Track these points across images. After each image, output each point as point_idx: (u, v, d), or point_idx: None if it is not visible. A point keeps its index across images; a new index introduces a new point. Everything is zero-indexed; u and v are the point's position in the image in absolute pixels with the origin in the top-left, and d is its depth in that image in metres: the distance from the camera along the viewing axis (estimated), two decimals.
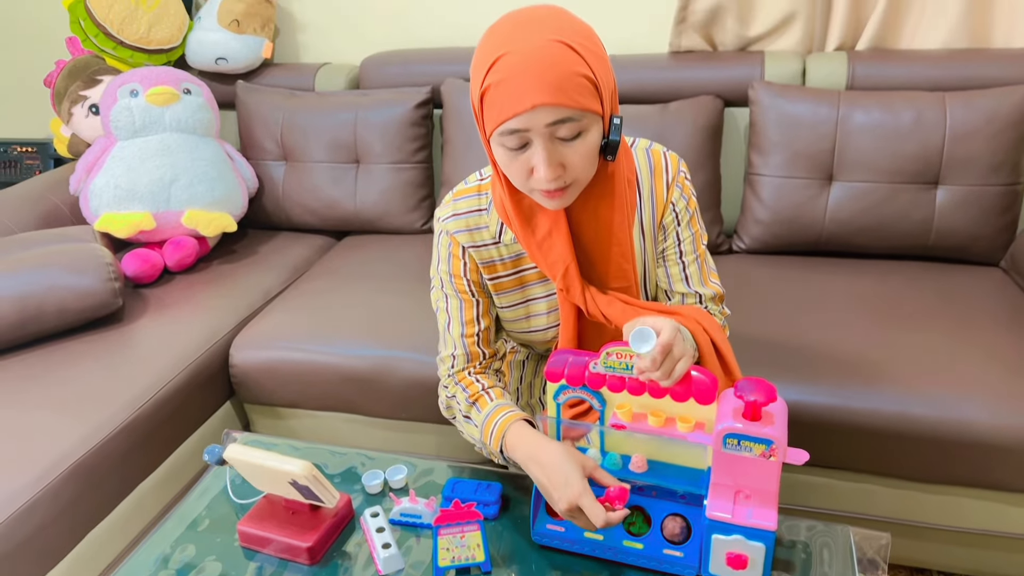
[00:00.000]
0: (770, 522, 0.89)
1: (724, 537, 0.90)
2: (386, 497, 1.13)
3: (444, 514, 0.99)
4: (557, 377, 0.99)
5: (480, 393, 1.08)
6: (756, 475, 0.90)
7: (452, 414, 1.14)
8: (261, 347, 1.73)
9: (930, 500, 1.44)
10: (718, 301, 1.15)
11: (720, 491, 0.92)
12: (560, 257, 1.03)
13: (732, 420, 0.88)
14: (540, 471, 0.95)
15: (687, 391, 0.94)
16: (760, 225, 1.84)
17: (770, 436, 0.86)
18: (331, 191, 2.14)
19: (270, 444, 1.29)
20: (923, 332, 1.51)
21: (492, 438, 1.02)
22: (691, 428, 0.95)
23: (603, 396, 0.99)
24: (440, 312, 1.13)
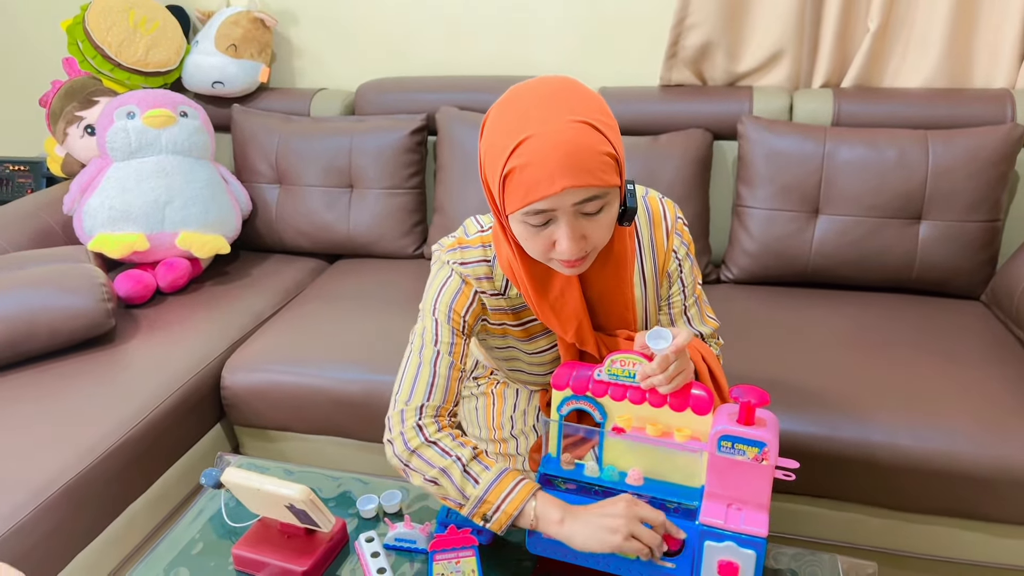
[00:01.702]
0: (761, 528, 0.90)
1: (716, 544, 0.92)
2: (381, 522, 1.13)
3: (439, 539, 0.99)
4: (562, 386, 1.01)
5: (479, 448, 1.00)
6: (749, 481, 0.92)
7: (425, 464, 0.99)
8: (252, 369, 1.73)
9: (916, 530, 1.45)
10: (713, 335, 1.18)
11: (714, 500, 0.94)
12: (573, 314, 1.04)
13: (727, 423, 0.90)
14: (584, 512, 0.93)
15: (685, 401, 0.96)
16: (747, 256, 1.88)
17: (763, 439, 0.89)
18: (324, 215, 2.16)
19: (264, 467, 1.29)
20: (907, 363, 1.53)
21: (510, 497, 0.95)
22: (687, 438, 0.97)
23: (604, 407, 1.01)
24: (426, 347, 1.03)
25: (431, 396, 1.02)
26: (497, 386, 1.32)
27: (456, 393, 1.05)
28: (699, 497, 0.96)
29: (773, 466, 0.90)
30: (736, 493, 0.94)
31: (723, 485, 0.94)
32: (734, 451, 0.90)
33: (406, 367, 1.05)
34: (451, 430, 1.02)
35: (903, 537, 1.46)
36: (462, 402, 1.36)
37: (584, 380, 1.00)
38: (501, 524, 0.95)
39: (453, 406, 1.04)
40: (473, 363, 1.35)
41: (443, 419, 1.02)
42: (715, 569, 0.93)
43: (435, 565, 0.98)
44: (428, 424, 1.01)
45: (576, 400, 1.02)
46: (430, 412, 1.02)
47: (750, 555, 0.91)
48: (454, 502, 0.98)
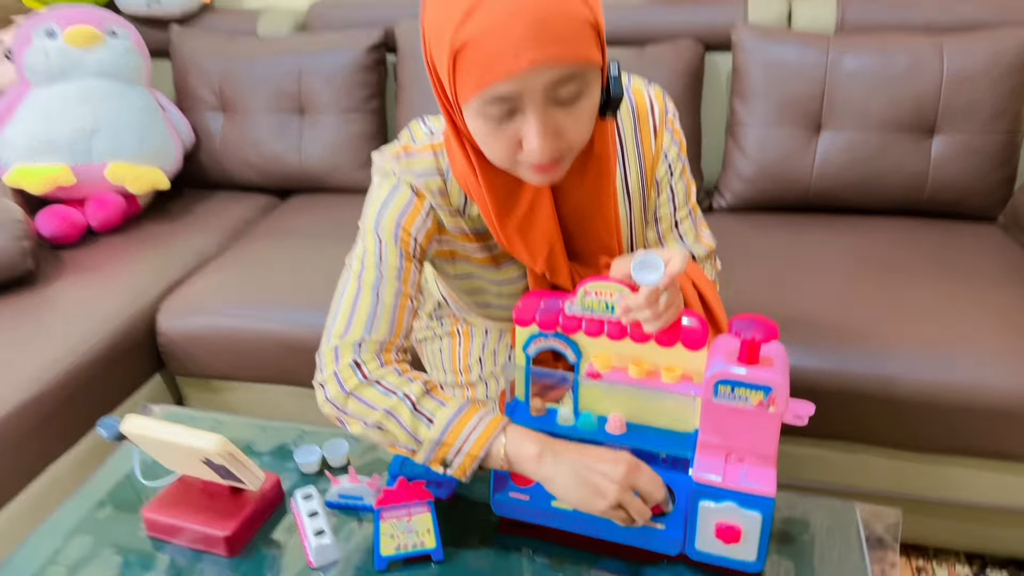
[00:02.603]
0: (768, 486, 0.75)
1: (713, 504, 0.76)
2: (323, 477, 0.97)
3: (387, 494, 0.83)
4: (527, 322, 0.84)
5: (433, 382, 0.84)
6: (751, 431, 0.77)
7: (364, 407, 0.82)
8: (191, 313, 1.56)
9: (938, 473, 1.32)
10: (709, 256, 1.01)
11: (709, 452, 0.78)
12: (544, 238, 0.87)
13: (725, 364, 0.74)
14: (576, 454, 0.77)
15: (675, 334, 0.79)
16: (743, 180, 1.70)
17: (769, 382, 0.72)
18: (274, 145, 1.95)
19: (192, 418, 1.12)
20: (918, 291, 1.39)
21: (473, 435, 0.79)
22: (677, 379, 0.80)
23: (578, 345, 0.84)
24: (367, 271, 0.86)
25: (373, 328, 0.85)
26: (463, 325, 1.15)
27: (405, 327, 0.87)
28: (692, 445, 0.81)
29: (782, 413, 0.74)
30: (736, 443, 0.78)
31: (721, 434, 0.78)
32: (734, 397, 0.74)
33: (342, 295, 0.88)
34: (397, 366, 0.85)
35: (924, 481, 1.33)
36: (424, 345, 1.19)
37: (553, 314, 0.83)
38: (465, 469, 0.79)
39: (402, 341, 0.87)
40: (435, 304, 1.17)
41: (387, 355, 0.85)
42: (712, 532, 0.78)
43: (382, 524, 0.83)
44: (368, 361, 0.84)
45: (544, 338, 0.85)
46: (371, 348, 0.84)
47: (754, 517, 0.75)
48: (405, 448, 0.82)
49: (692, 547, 0.80)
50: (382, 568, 0.83)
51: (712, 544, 0.78)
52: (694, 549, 0.80)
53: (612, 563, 0.83)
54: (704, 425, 0.79)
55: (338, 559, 0.85)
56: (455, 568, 0.83)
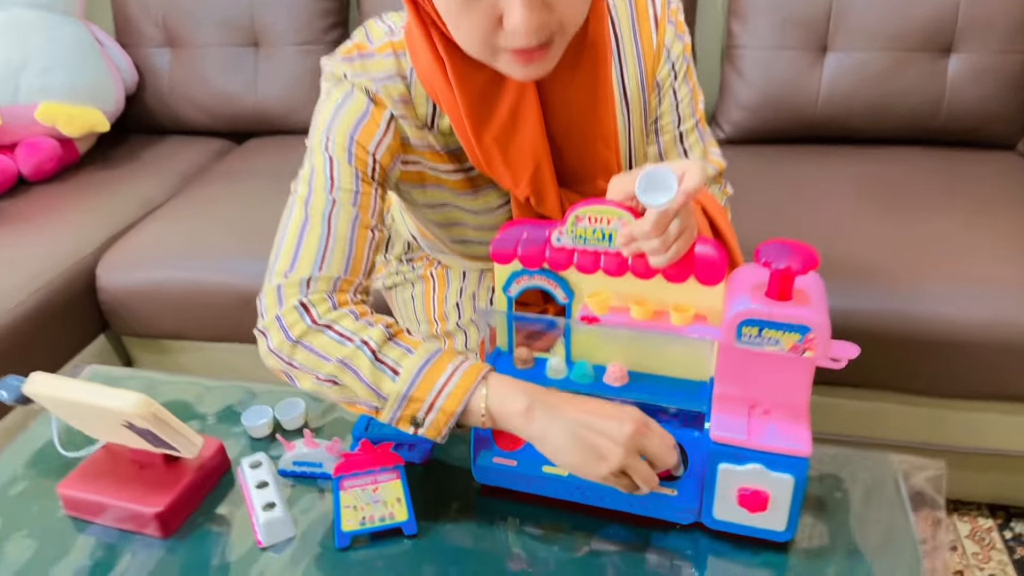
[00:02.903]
0: (801, 444, 0.63)
1: (735, 467, 0.64)
2: (276, 442, 0.84)
3: (348, 460, 0.70)
4: (507, 258, 0.71)
5: (397, 326, 0.70)
6: (781, 380, 0.65)
7: (315, 358, 0.68)
8: (135, 266, 1.41)
9: (948, 418, 1.22)
10: (718, 179, 0.88)
11: (729, 405, 0.66)
12: (528, 151, 0.73)
13: (751, 301, 0.61)
14: (573, 408, 0.64)
15: (686, 268, 0.66)
16: (742, 109, 1.56)
17: (807, 321, 0.60)
18: (226, 83, 1.78)
19: (129, 378, 0.98)
20: (935, 224, 1.27)
21: (448, 387, 0.65)
22: (689, 320, 0.67)
23: (569, 284, 0.71)
24: (316, 196, 0.72)
25: (324, 264, 0.71)
26: (437, 267, 1.01)
27: (365, 263, 0.73)
28: (707, 398, 0.68)
29: (822, 357, 0.61)
30: (762, 394, 0.66)
31: (743, 384, 0.66)
32: (761, 340, 0.62)
33: (286, 226, 0.74)
34: (354, 308, 0.71)
35: (943, 429, 1.23)
36: (394, 292, 1.05)
37: (538, 247, 0.70)
38: (439, 428, 0.66)
39: (361, 279, 0.73)
40: (404, 244, 1.03)
41: (342, 296, 0.71)
42: (733, 499, 0.66)
43: (342, 495, 0.70)
44: (318, 303, 0.70)
45: (528, 276, 0.71)
46: (321, 287, 0.70)
47: (785, 481, 0.63)
48: (367, 407, 0.68)
49: (709, 515, 0.68)
50: (344, 545, 0.71)
51: (733, 512, 0.66)
52: (711, 517, 0.68)
53: (615, 531, 0.71)
54: (722, 374, 0.66)
55: (293, 536, 0.73)
56: (431, 543, 0.71)
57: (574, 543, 0.70)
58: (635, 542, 0.69)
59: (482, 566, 0.68)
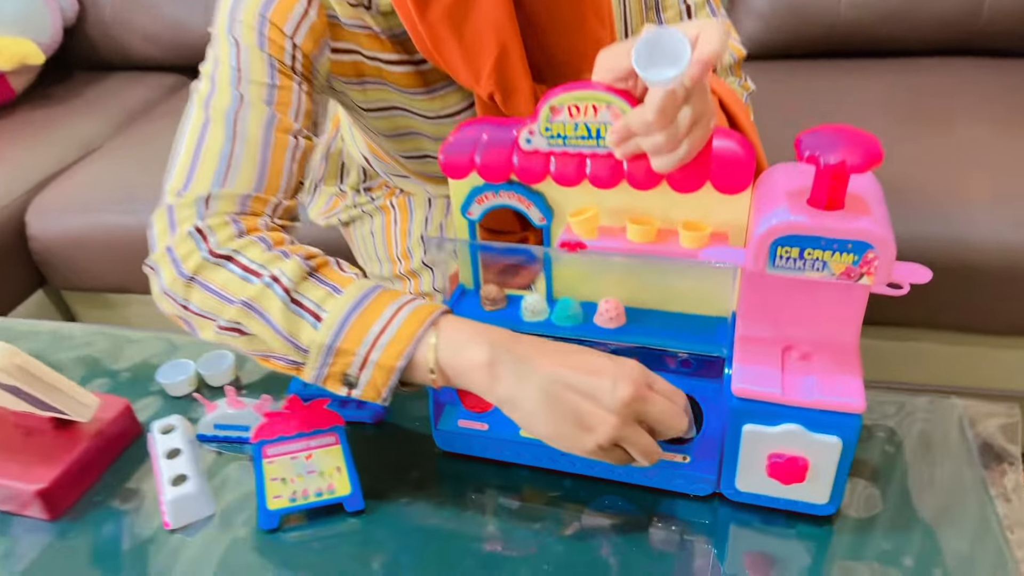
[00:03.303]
0: (852, 398, 0.48)
1: (764, 429, 0.50)
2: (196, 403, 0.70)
3: (271, 421, 0.56)
4: (463, 169, 0.56)
5: (323, 257, 0.56)
6: (826, 315, 0.51)
7: (214, 300, 0.54)
8: (68, 211, 1.25)
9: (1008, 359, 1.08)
10: (737, 70, 0.72)
11: (756, 349, 0.52)
12: (491, 32, 0.57)
13: (789, 211, 0.46)
14: (549, 360, 0.48)
15: (700, 171, 0.51)
16: (755, 18, 1.39)
17: (867, 235, 0.45)
18: (174, 8, 1.60)
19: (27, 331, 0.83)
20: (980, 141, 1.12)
21: (387, 335, 0.50)
22: (704, 241, 0.53)
23: (546, 199, 0.56)
24: (220, 93, 0.57)
25: (228, 177, 0.55)
26: (399, 195, 0.86)
27: (286, 176, 0.58)
28: (727, 338, 0.54)
29: (884, 283, 0.47)
30: (800, 333, 0.52)
31: (775, 321, 0.52)
32: (803, 263, 0.47)
33: (184, 132, 0.58)
34: (267, 235, 0.56)
35: (999, 369, 1.10)
36: (352, 229, 0.90)
37: (501, 153, 0.54)
38: (378, 389, 0.51)
39: (280, 198, 0.58)
40: (360, 171, 0.88)
41: (250, 220, 0.56)
42: (763, 467, 0.52)
43: (266, 465, 0.56)
44: (218, 228, 0.54)
45: (493, 192, 0.56)
46: (224, 206, 0.55)
47: (831, 445, 0.49)
48: (285, 362, 0.54)
49: (731, 486, 0.54)
50: (270, 527, 0.57)
51: (761, 483, 0.52)
52: (733, 489, 0.54)
53: (611, 504, 0.57)
54: (748, 309, 0.52)
55: (212, 514, 0.59)
56: (381, 522, 0.57)
57: (560, 520, 0.56)
58: (636, 516, 0.56)
59: (445, 549, 0.54)
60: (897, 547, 0.52)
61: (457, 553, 0.54)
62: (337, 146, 0.88)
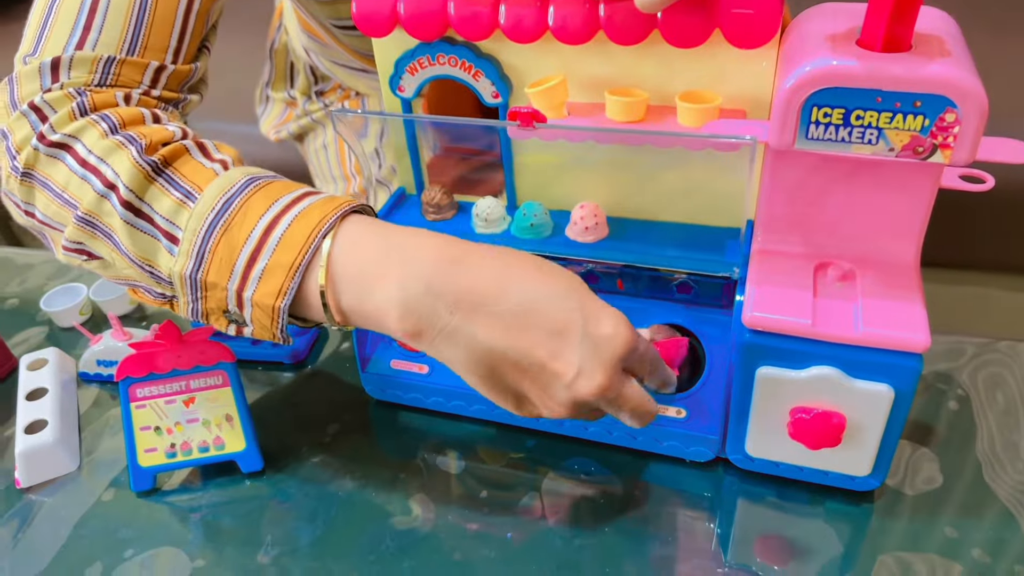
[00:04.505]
0: (913, 332, 0.34)
1: (787, 374, 0.36)
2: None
3: (140, 353, 0.43)
4: (383, 23, 0.42)
5: (179, 142, 0.39)
6: (878, 217, 0.37)
7: (55, 203, 0.39)
8: None
9: None
10: None
11: (778, 266, 0.38)
12: None
13: (831, 54, 0.31)
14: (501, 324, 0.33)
15: (706, 17, 0.36)
16: None
17: (945, 86, 0.30)
18: None
19: None
20: None
21: (266, 250, 0.36)
22: (712, 115, 0.38)
23: (499, 66, 0.42)
24: None
25: (87, 36, 0.41)
26: (355, 97, 0.72)
27: (178, 31, 0.44)
28: (740, 254, 0.40)
29: (961, 161, 0.32)
30: (840, 242, 0.37)
31: (806, 224, 0.37)
32: (849, 132, 0.32)
33: None
34: (121, 109, 0.41)
35: None
36: (307, 143, 0.77)
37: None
38: (268, 329, 0.37)
39: (167, 61, 0.44)
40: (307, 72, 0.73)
41: (104, 93, 0.41)
42: (783, 425, 0.38)
43: (135, 411, 0.43)
44: (58, 102, 0.40)
45: (428, 56, 0.42)
46: (78, 74, 0.41)
47: (879, 396, 0.35)
48: (152, 295, 0.40)
49: (739, 450, 0.40)
50: (143, 488, 0.45)
51: (781, 447, 0.39)
52: (743, 453, 0.40)
53: (585, 467, 0.44)
54: (769, 209, 0.38)
55: (76, 471, 0.46)
56: (285, 486, 0.44)
57: (517, 489, 0.43)
58: (615, 486, 0.42)
59: (363, 525, 0.42)
60: (962, 535, 0.38)
61: (378, 531, 0.41)
62: (282, 40, 0.74)
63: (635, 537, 0.39)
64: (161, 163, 0.37)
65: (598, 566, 0.38)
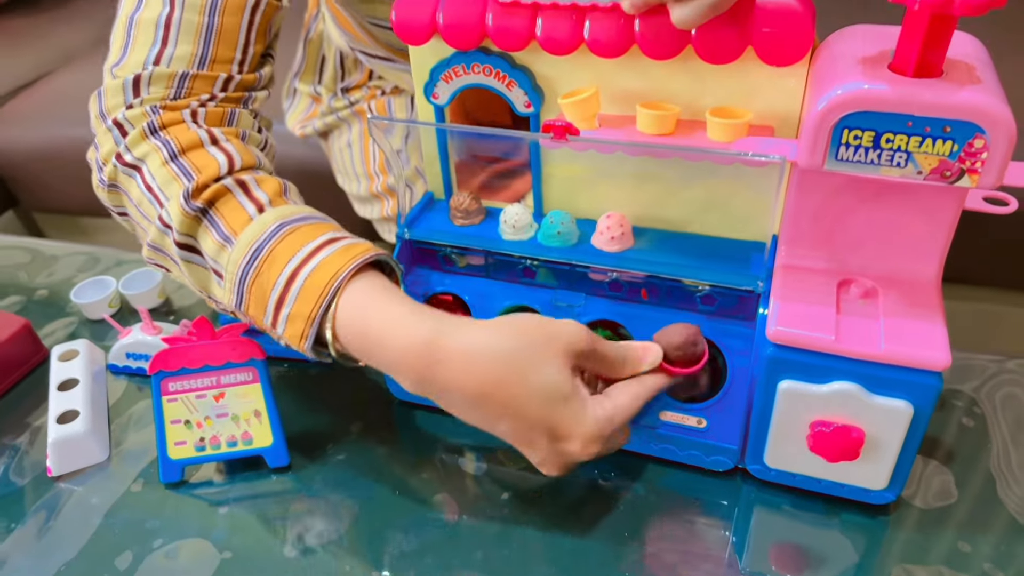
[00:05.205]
0: (933, 350, 0.35)
1: (809, 388, 0.37)
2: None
3: (173, 348, 0.44)
4: (421, 32, 0.42)
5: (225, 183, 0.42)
6: (903, 236, 0.37)
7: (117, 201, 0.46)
8: (41, 124, 1.14)
9: None
10: None
11: (802, 282, 0.39)
12: None
13: (863, 78, 0.32)
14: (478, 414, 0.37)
15: (738, 33, 0.37)
16: None
17: (976, 112, 0.31)
18: None
19: None
20: None
21: (283, 309, 0.40)
22: (740, 132, 0.39)
23: (532, 76, 0.42)
24: None
25: (162, 49, 0.44)
26: (380, 97, 0.73)
27: (243, 42, 0.46)
28: (764, 268, 0.41)
29: (988, 185, 0.33)
30: (864, 260, 0.38)
31: (831, 242, 0.38)
32: (879, 154, 0.33)
33: (121, 5, 0.48)
34: (185, 128, 0.44)
35: None
36: (331, 140, 0.78)
37: (469, 5, 0.41)
38: (297, 336, 0.39)
39: (233, 72, 0.46)
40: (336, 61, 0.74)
41: (174, 112, 0.44)
42: (802, 438, 0.38)
43: (166, 404, 0.44)
44: (137, 120, 0.44)
45: (464, 67, 0.43)
46: (157, 90, 0.44)
47: (899, 412, 0.36)
48: (216, 302, 0.44)
49: (758, 460, 0.41)
50: (172, 480, 0.46)
51: (799, 459, 0.40)
52: (762, 464, 0.41)
53: (603, 471, 0.45)
54: (795, 225, 0.38)
55: (105, 461, 0.47)
56: (310, 483, 0.45)
57: (538, 492, 0.44)
58: (636, 493, 0.43)
59: (389, 522, 0.43)
60: (975, 549, 0.39)
61: (401, 529, 0.42)
62: (317, 29, 0.75)
63: (653, 542, 0.40)
64: (205, 205, 0.42)
65: (616, 570, 0.39)
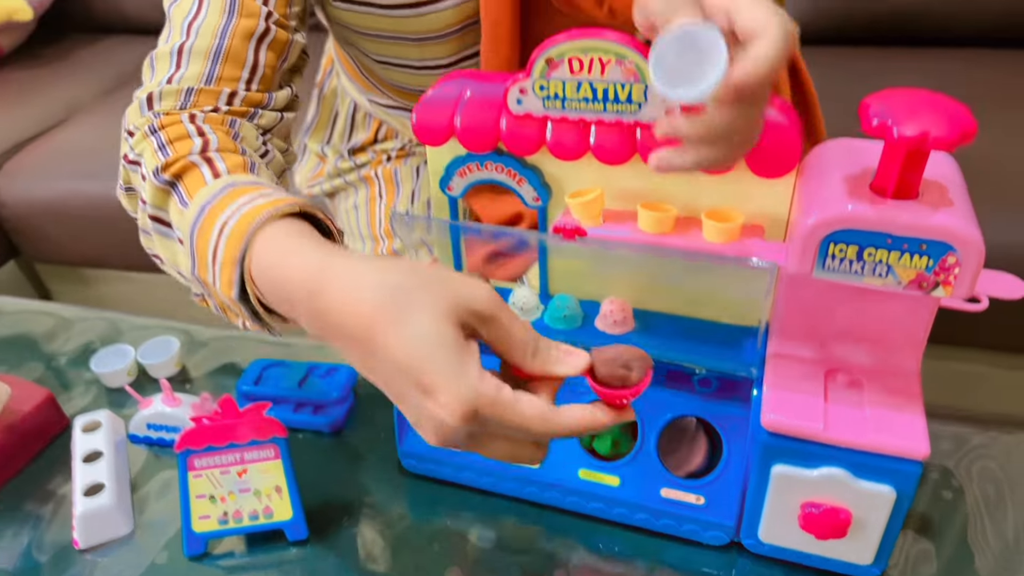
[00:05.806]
0: (913, 439, 0.38)
1: (800, 472, 0.40)
2: None
3: (199, 426, 0.46)
4: (440, 134, 0.46)
5: (191, 159, 0.45)
6: (885, 333, 0.41)
7: (132, 205, 0.49)
8: (44, 176, 1.16)
9: None
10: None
11: (793, 371, 0.42)
12: None
13: (847, 200, 0.36)
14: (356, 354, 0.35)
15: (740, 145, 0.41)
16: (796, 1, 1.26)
17: (949, 234, 0.35)
18: None
19: None
20: None
21: (217, 257, 0.40)
22: (733, 234, 0.42)
23: (541, 175, 0.46)
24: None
25: (175, 72, 0.49)
26: (387, 164, 0.76)
27: (250, 62, 0.50)
28: (756, 355, 0.44)
29: (961, 295, 0.36)
30: (849, 353, 0.42)
31: (820, 337, 0.42)
32: (861, 266, 0.37)
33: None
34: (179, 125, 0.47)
35: None
36: (337, 201, 0.81)
37: (485, 114, 0.44)
38: (227, 284, 0.40)
39: (239, 88, 0.50)
40: (348, 116, 0.78)
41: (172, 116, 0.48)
42: (794, 517, 0.41)
43: (191, 480, 0.46)
44: (143, 125, 0.48)
45: (477, 164, 0.46)
46: (167, 103, 0.49)
47: (882, 496, 0.39)
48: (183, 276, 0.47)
49: (752, 535, 0.44)
50: (195, 552, 0.48)
51: (791, 535, 0.42)
52: (756, 539, 0.44)
53: (609, 545, 0.47)
54: (786, 320, 0.42)
55: (130, 533, 0.49)
56: (329, 554, 0.47)
57: (544, 563, 0.46)
58: (636, 564, 0.46)
59: None
60: None
61: None
62: (331, 85, 0.78)
63: None
64: (173, 178, 0.45)
65: None
